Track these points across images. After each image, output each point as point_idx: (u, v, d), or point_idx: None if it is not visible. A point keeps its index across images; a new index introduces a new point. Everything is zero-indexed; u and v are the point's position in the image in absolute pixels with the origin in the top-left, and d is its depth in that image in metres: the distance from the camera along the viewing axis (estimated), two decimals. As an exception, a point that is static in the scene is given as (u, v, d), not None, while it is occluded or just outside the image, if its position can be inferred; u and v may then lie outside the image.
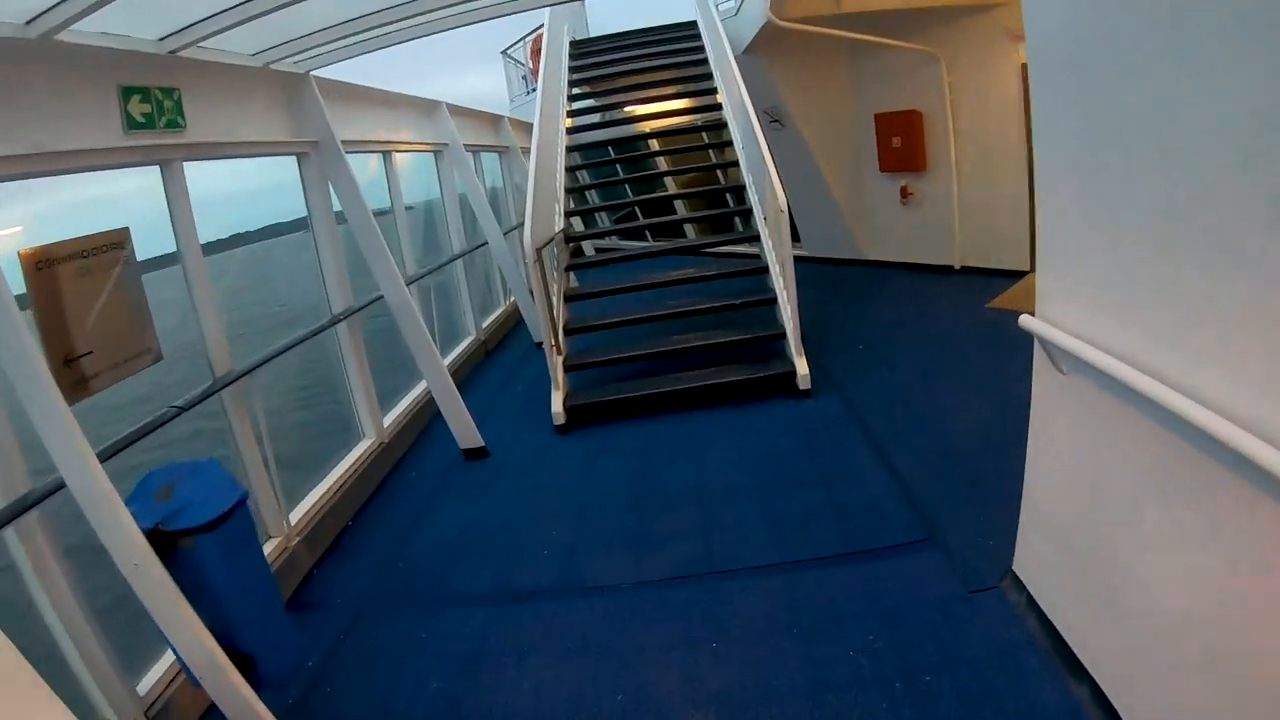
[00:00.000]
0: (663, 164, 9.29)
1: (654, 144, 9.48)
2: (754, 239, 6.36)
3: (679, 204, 10.49)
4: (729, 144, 7.38)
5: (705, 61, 8.48)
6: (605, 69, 9.19)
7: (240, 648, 2.64)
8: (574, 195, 8.22)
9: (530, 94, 10.20)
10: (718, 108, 7.91)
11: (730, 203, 9.23)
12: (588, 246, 11.11)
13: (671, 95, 8.69)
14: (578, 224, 10.10)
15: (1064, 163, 2.17)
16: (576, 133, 8.42)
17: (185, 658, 2.54)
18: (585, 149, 8.59)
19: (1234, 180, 1.42)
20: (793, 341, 5.16)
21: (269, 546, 3.76)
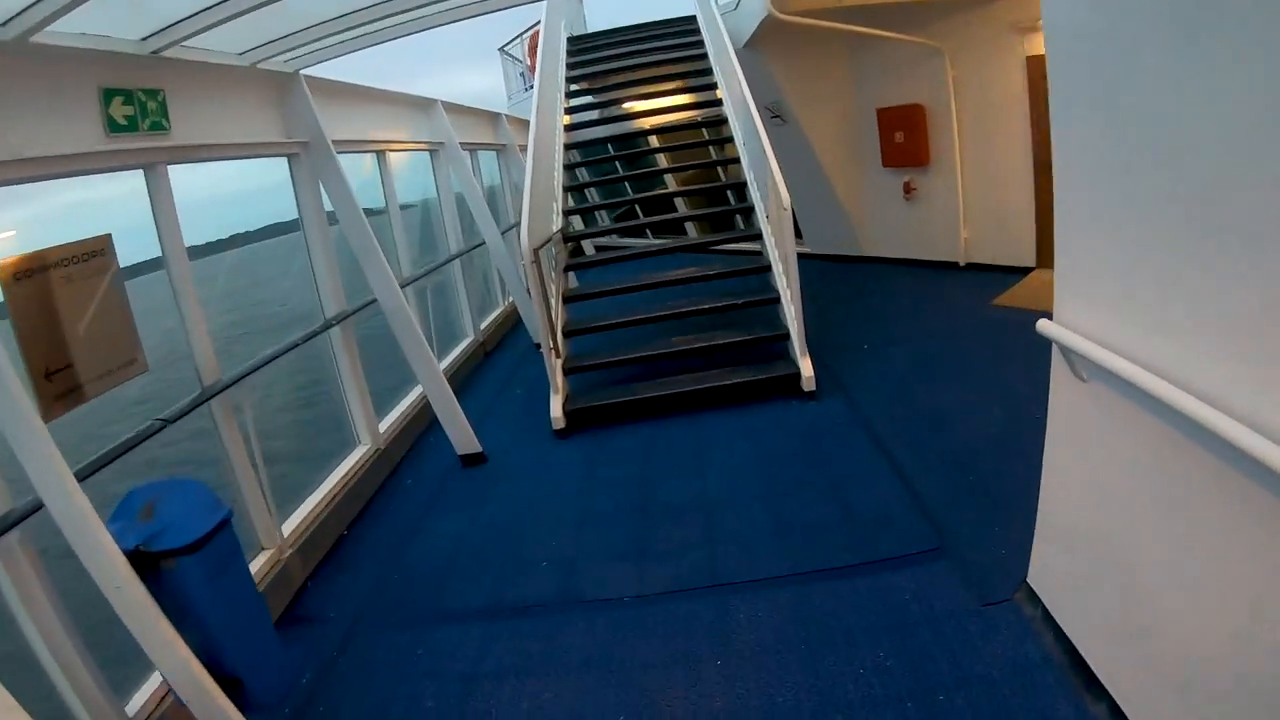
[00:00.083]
0: (663, 161, 9.18)
1: (653, 140, 9.38)
2: (756, 237, 6.25)
3: (679, 201, 10.38)
4: (729, 140, 7.27)
5: (705, 56, 8.36)
6: (603, 65, 9.07)
7: (227, 670, 2.57)
8: (572, 194, 8.12)
9: (528, 91, 10.07)
10: (718, 103, 7.80)
11: (731, 200, 9.12)
12: (588, 246, 11.01)
13: (671, 91, 8.57)
14: (577, 223, 10.00)
15: (1083, 157, 2.06)
16: (575, 130, 8.31)
17: (170, 681, 2.47)
18: (584, 146, 8.47)
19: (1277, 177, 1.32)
20: (796, 342, 5.05)
21: (261, 559, 3.69)
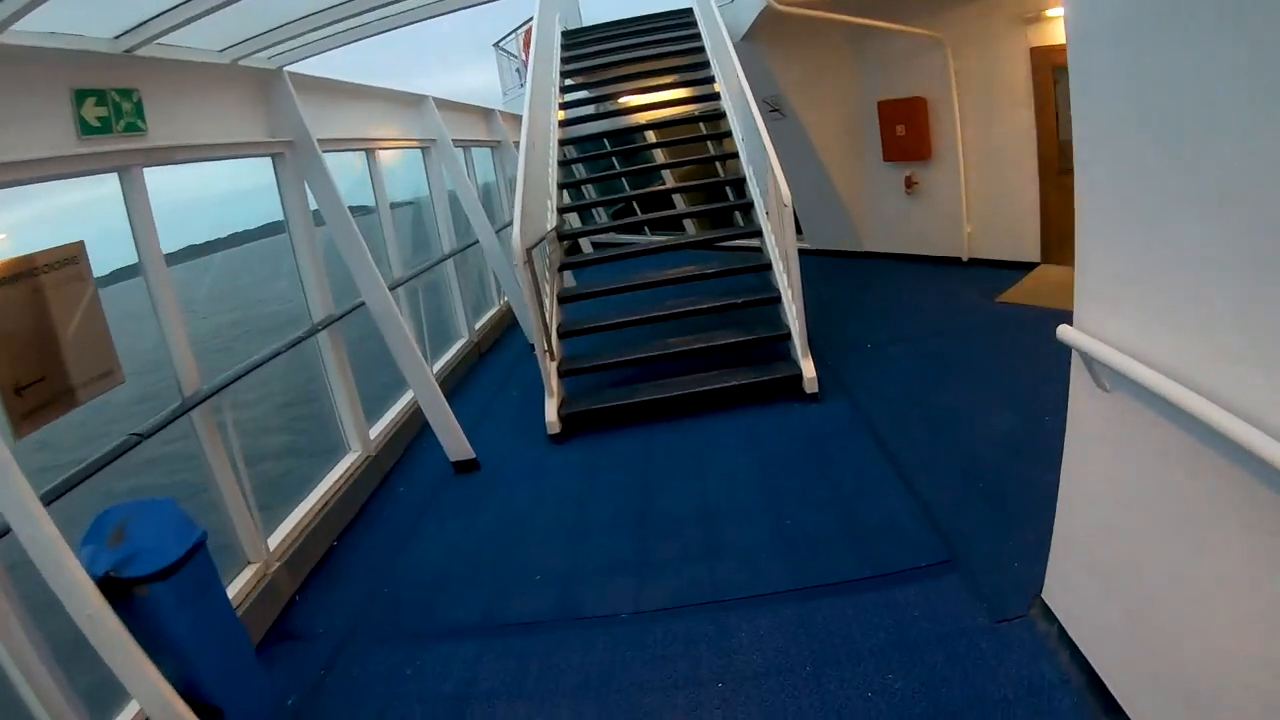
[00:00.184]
0: (660, 157, 9.03)
1: (650, 136, 9.22)
2: (756, 234, 6.12)
3: (677, 198, 10.23)
4: (728, 135, 7.12)
5: (702, 50, 8.21)
6: (599, 59, 8.91)
7: (207, 699, 2.45)
8: (568, 191, 7.98)
9: (523, 87, 9.91)
10: (716, 97, 7.65)
11: (730, 196, 8.98)
12: (585, 244, 10.85)
13: (667, 85, 8.41)
14: (574, 220, 9.86)
15: (1106, 154, 1.91)
16: (569, 125, 8.15)
17: (148, 712, 2.34)
18: (579, 142, 8.31)
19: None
20: (798, 342, 4.92)
21: (247, 573, 3.57)
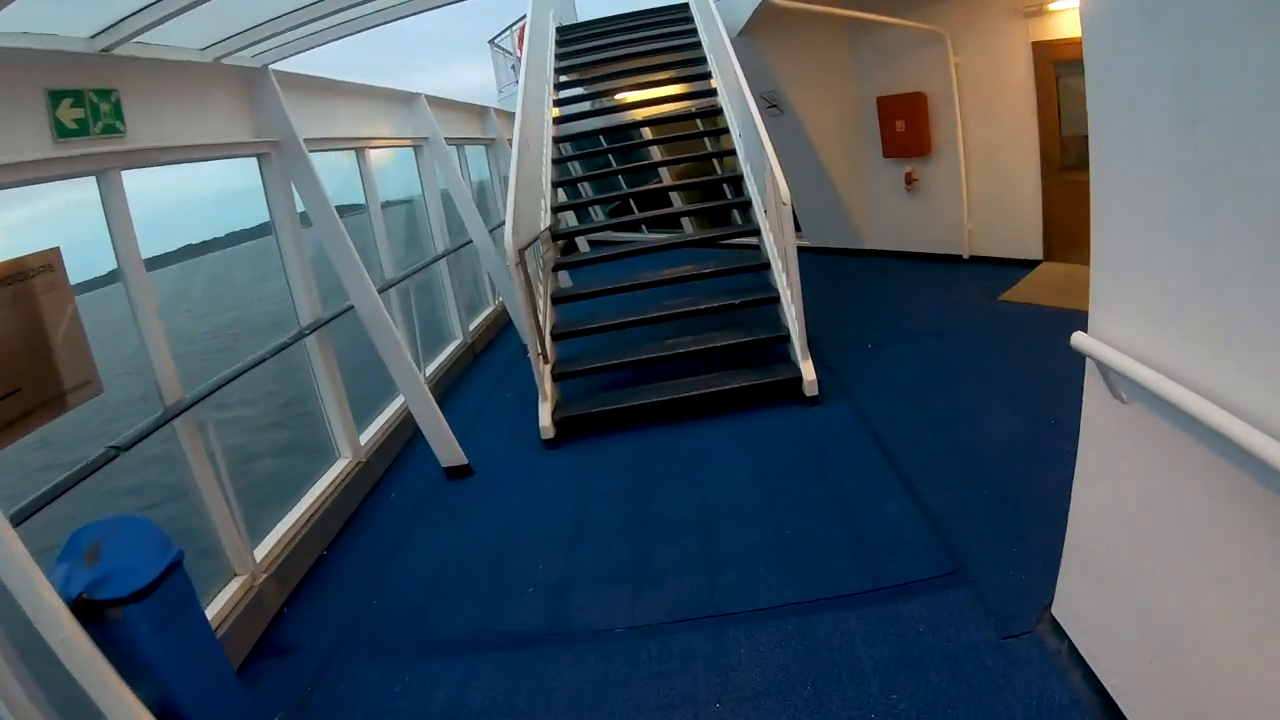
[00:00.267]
0: (657, 154, 8.92)
1: (647, 133, 9.11)
2: (754, 232, 6.01)
3: (675, 196, 10.12)
4: (725, 131, 7.01)
5: (699, 45, 8.09)
6: (594, 55, 8.80)
7: (185, 724, 2.35)
8: (564, 189, 7.87)
9: (518, 84, 9.79)
10: (713, 93, 7.53)
11: (728, 194, 8.87)
12: (582, 242, 10.74)
13: (664, 81, 8.30)
14: (571, 219, 9.75)
15: (1129, 144, 1.79)
16: (564, 123, 8.04)
17: (123, 738, 2.25)
18: (575, 139, 8.20)
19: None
20: (797, 344, 4.82)
21: (233, 586, 3.48)
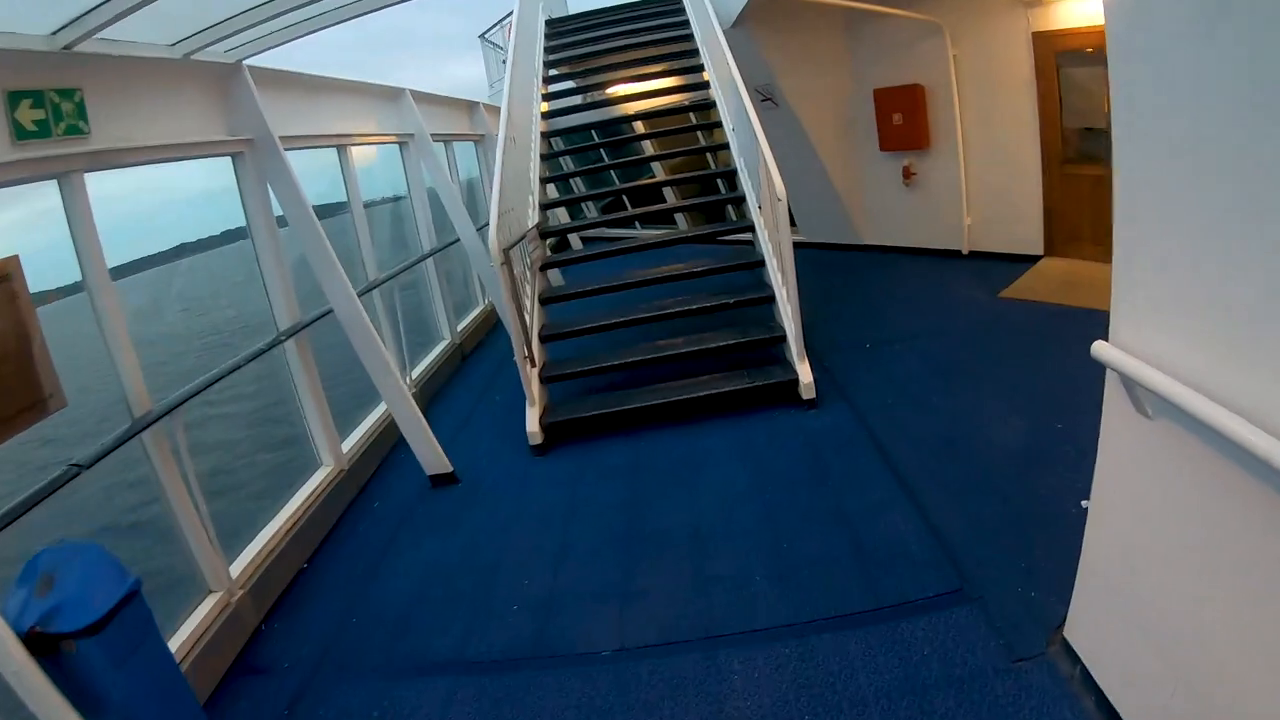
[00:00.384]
0: (649, 148, 8.74)
1: (639, 127, 8.92)
2: (748, 229, 5.84)
3: (668, 191, 9.95)
4: (718, 125, 6.84)
5: (692, 37, 7.91)
6: (584, 48, 8.61)
7: (141, 763, 2.19)
8: (554, 185, 7.69)
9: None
10: (706, 86, 7.36)
11: (722, 189, 8.70)
12: (575, 239, 10.57)
13: (656, 74, 8.11)
14: (563, 215, 9.56)
15: (1159, 137, 1.63)
16: (553, 117, 7.85)
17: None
18: (565, 134, 8.02)
19: None
20: (794, 345, 4.64)
21: (208, 603, 3.31)
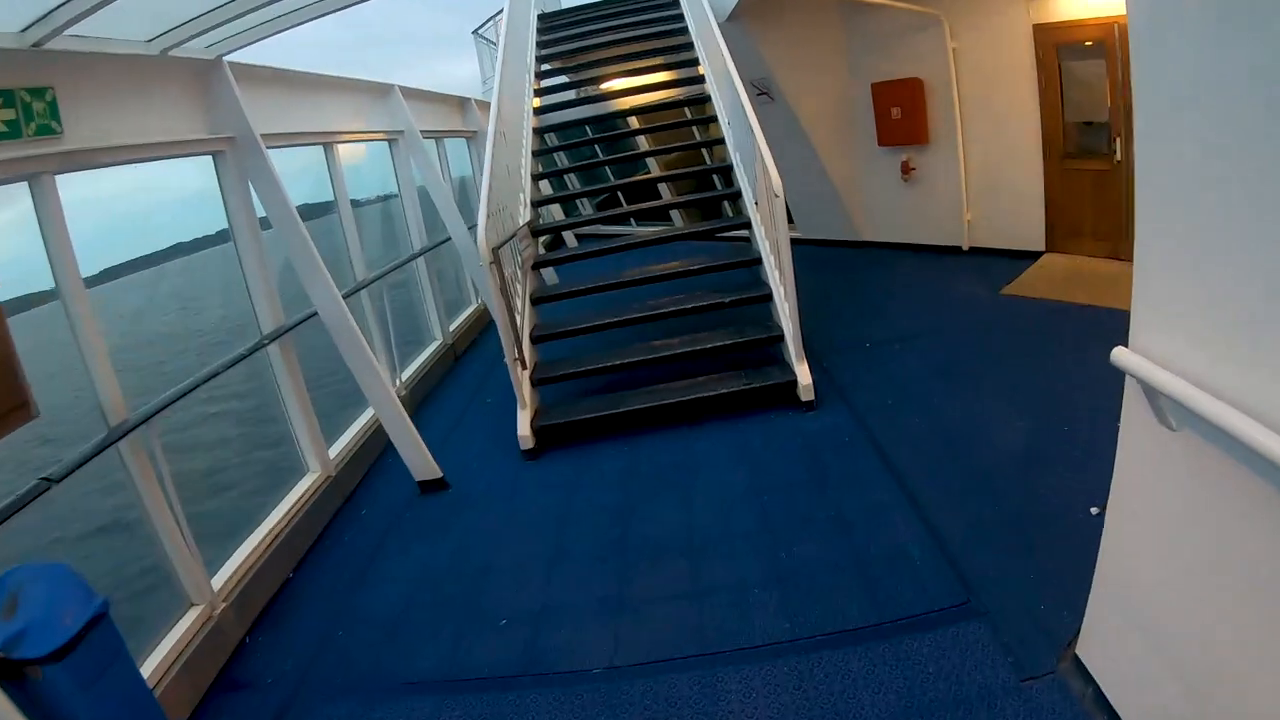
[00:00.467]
0: (644, 144, 8.61)
1: (633, 122, 8.80)
2: (744, 225, 5.72)
3: (663, 187, 9.83)
4: (714, 119, 6.72)
5: (686, 30, 7.78)
6: (577, 42, 8.48)
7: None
8: (547, 182, 7.57)
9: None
10: (701, 80, 7.23)
11: (718, 184, 8.58)
12: (569, 237, 10.45)
13: (650, 69, 7.98)
14: (558, 213, 9.44)
15: (1177, 140, 1.52)
16: (546, 113, 7.71)
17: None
18: (558, 129, 7.89)
19: None
20: (792, 345, 4.52)
21: (190, 617, 3.20)
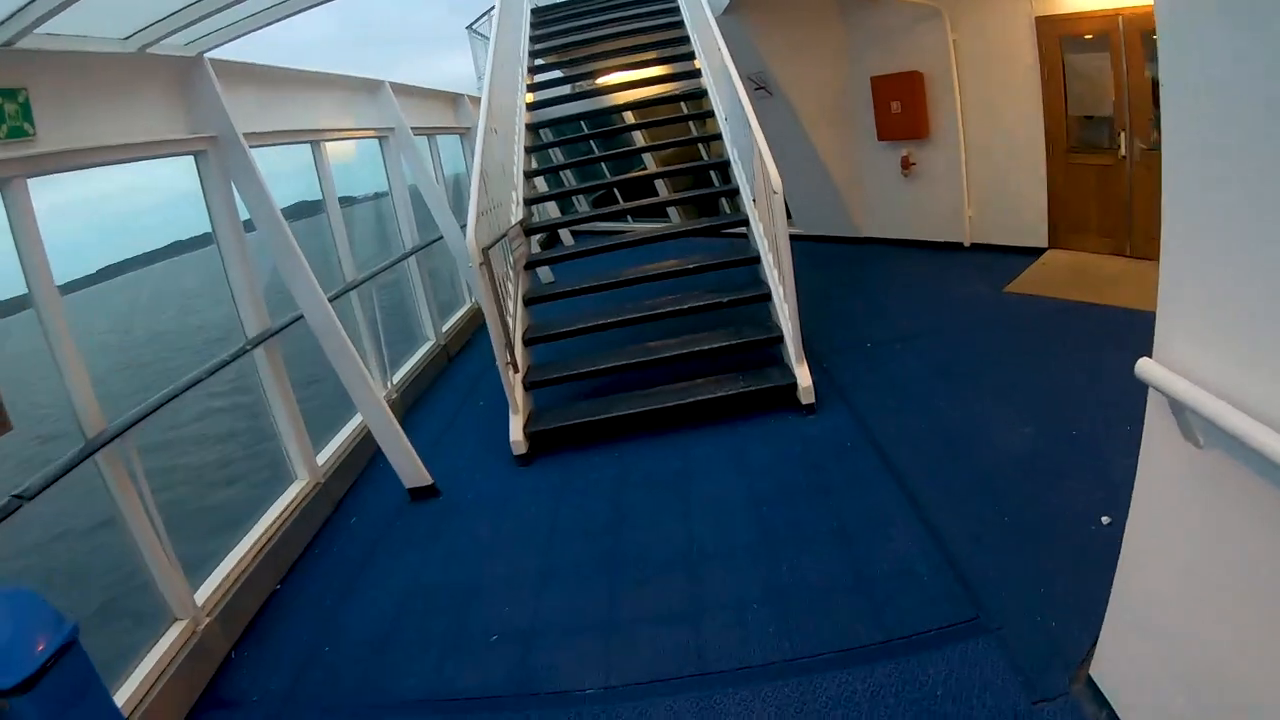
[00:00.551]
0: (640, 140, 8.48)
1: (629, 117, 8.67)
2: (742, 223, 5.60)
3: (660, 184, 9.70)
4: (711, 114, 6.59)
5: (682, 24, 7.65)
6: (571, 36, 8.34)
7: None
8: (542, 179, 7.43)
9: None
10: (697, 74, 7.11)
11: (716, 181, 8.45)
12: (566, 234, 10.32)
13: (646, 63, 7.84)
14: (553, 210, 9.31)
15: (1210, 134, 1.41)
16: (539, 109, 7.58)
17: None
18: (552, 125, 7.75)
19: None
20: (791, 346, 4.41)
21: (172, 633, 3.09)
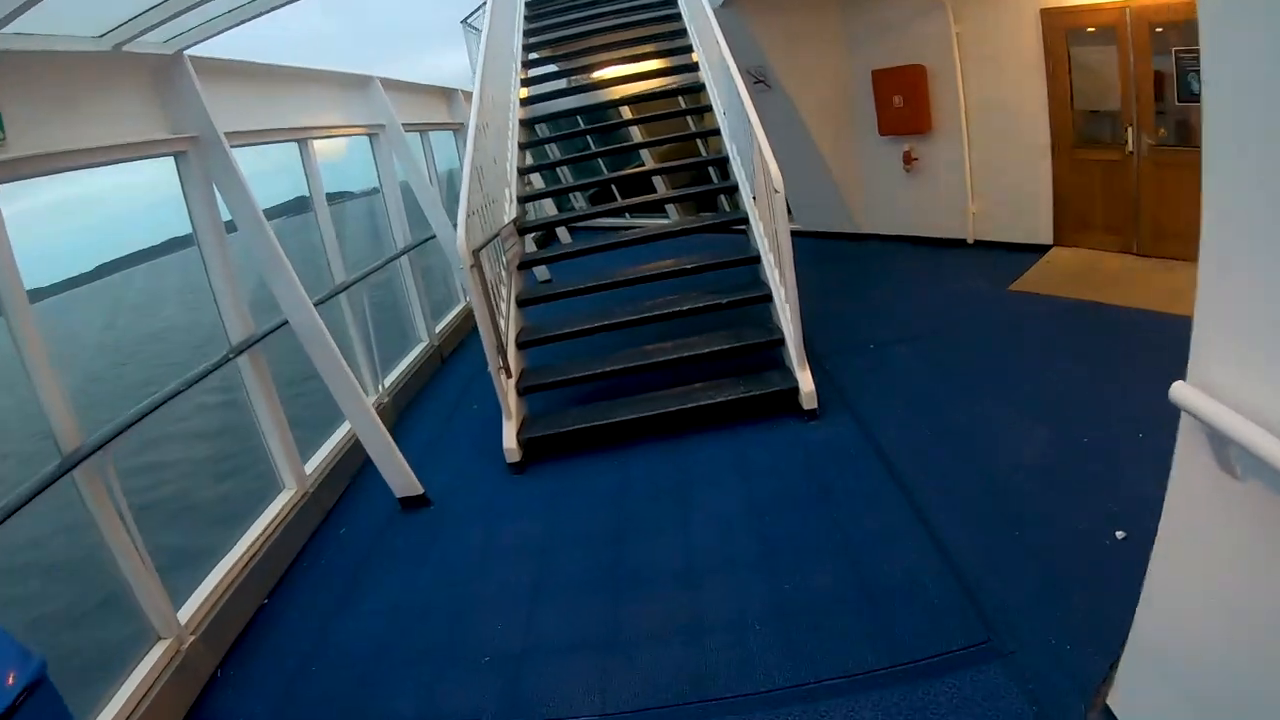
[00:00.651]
0: (637, 135, 8.33)
1: (626, 112, 8.52)
2: (742, 221, 5.46)
3: (657, 180, 9.55)
4: (709, 109, 6.45)
5: (679, 16, 7.49)
6: (566, 29, 8.18)
7: None
8: (537, 176, 7.29)
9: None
10: (695, 68, 6.96)
11: (714, 177, 8.30)
12: (563, 232, 10.18)
13: (642, 56, 7.69)
14: (550, 207, 9.17)
15: (1257, 137, 1.29)
16: (534, 103, 7.43)
17: None
18: (547, 120, 7.60)
19: None
20: (793, 350, 4.28)
21: (155, 653, 2.98)
